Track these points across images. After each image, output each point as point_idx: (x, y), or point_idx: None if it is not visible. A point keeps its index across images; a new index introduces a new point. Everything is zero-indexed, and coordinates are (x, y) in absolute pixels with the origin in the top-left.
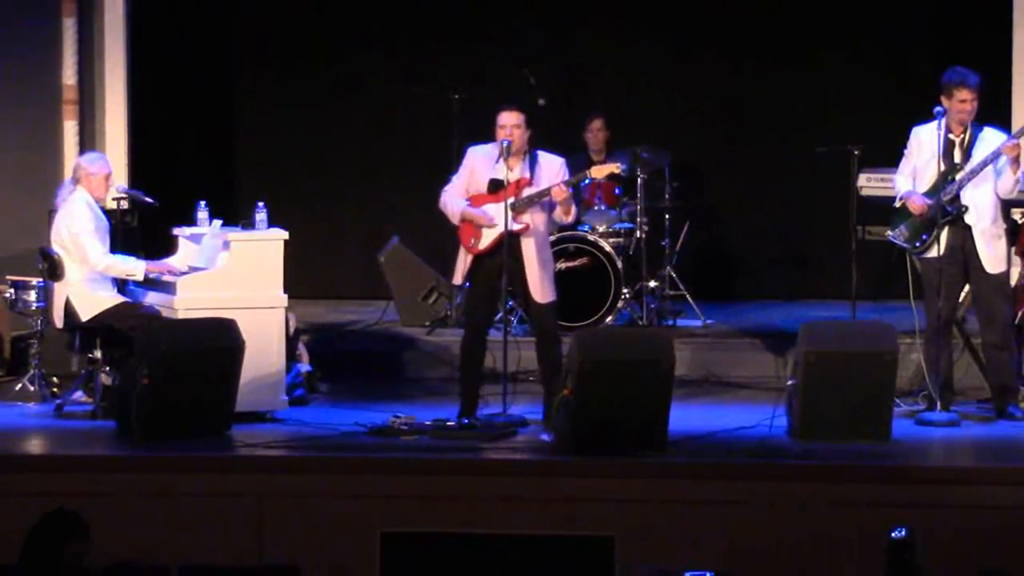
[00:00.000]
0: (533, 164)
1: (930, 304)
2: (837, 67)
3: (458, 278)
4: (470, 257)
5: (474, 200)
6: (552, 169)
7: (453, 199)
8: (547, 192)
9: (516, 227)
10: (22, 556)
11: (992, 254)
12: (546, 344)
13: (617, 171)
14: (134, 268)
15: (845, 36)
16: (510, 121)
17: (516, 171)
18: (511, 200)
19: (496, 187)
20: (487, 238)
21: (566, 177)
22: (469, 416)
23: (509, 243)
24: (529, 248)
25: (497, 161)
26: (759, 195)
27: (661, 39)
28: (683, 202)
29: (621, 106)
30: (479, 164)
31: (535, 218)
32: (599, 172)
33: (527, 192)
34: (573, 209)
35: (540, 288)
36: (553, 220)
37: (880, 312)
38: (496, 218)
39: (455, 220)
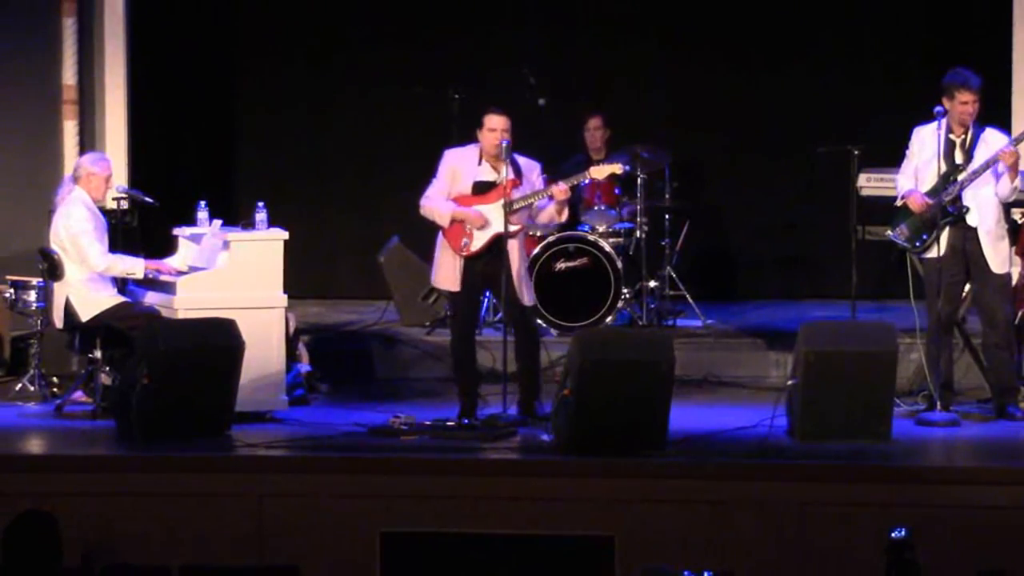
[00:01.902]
0: (516, 167)
1: (931, 304)
2: (837, 67)
3: (451, 283)
4: (461, 261)
5: (460, 202)
6: (532, 172)
7: (438, 202)
8: (539, 194)
9: (513, 228)
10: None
11: (996, 255)
12: (529, 346)
13: (619, 171)
14: (133, 267)
15: (845, 36)
16: (501, 125)
17: (503, 173)
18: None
19: (482, 189)
20: (480, 239)
21: (542, 181)
22: (469, 416)
23: (502, 245)
24: (514, 251)
25: (480, 163)
26: (759, 195)
27: (661, 39)
28: (683, 202)
29: (621, 106)
30: (461, 167)
31: (522, 221)
32: (599, 172)
33: (518, 193)
34: (565, 210)
35: (525, 290)
36: (536, 224)
37: (880, 312)
38: (489, 219)
39: (444, 222)
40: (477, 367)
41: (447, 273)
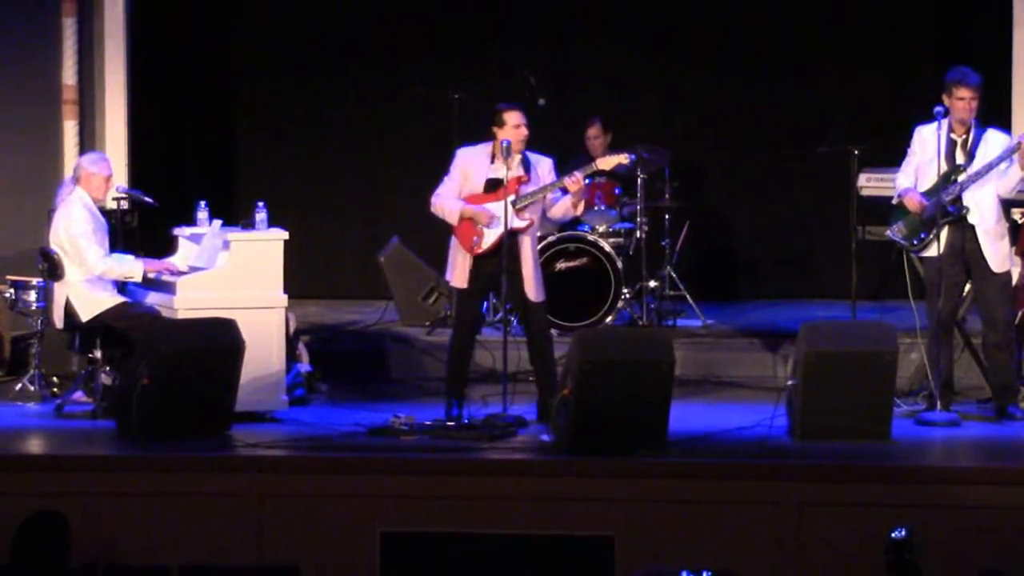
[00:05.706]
0: (527, 163)
1: (931, 304)
2: (837, 67)
3: (461, 281)
4: (470, 258)
5: (471, 200)
6: (544, 168)
7: (449, 200)
8: (548, 188)
9: (520, 224)
10: (10, 559)
11: (996, 254)
12: (540, 344)
13: (625, 161)
14: (132, 270)
15: (845, 36)
16: (524, 120)
17: (514, 170)
18: (512, 198)
19: (494, 186)
20: (490, 237)
21: (555, 178)
22: (454, 418)
23: (509, 242)
24: (526, 247)
25: (492, 161)
26: (759, 195)
27: (661, 40)
28: (683, 202)
29: (621, 106)
30: (473, 165)
31: (533, 217)
32: (606, 163)
33: (527, 189)
34: (581, 203)
35: (535, 287)
36: (551, 219)
37: (880, 312)
38: (499, 216)
39: (454, 220)
40: (468, 369)
41: (458, 271)
